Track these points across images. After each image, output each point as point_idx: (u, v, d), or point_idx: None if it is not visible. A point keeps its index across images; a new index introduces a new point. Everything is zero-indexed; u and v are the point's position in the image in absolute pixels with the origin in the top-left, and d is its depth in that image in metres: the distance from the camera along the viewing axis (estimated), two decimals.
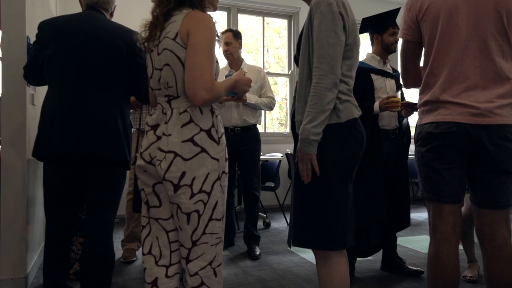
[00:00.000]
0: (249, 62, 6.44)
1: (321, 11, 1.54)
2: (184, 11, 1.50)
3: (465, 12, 1.56)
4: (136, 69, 2.06)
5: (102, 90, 1.99)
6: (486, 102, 1.53)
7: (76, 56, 1.98)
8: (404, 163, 2.78)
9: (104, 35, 2.02)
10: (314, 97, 1.53)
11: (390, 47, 2.77)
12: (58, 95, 1.97)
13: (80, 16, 2.09)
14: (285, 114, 6.61)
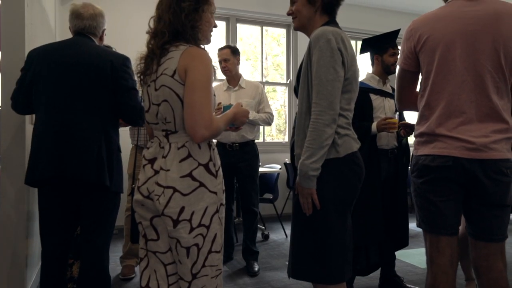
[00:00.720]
0: (248, 69, 6.51)
1: (319, 46, 1.56)
2: (181, 47, 1.52)
3: (463, 47, 1.58)
4: (120, 91, 2.05)
5: (87, 115, 2.00)
6: (482, 137, 1.55)
7: (61, 82, 2.00)
8: (403, 183, 2.80)
9: (88, 59, 2.03)
10: (312, 132, 1.54)
11: (390, 67, 2.79)
12: (44, 122, 2.01)
13: (67, 43, 2.12)
14: (284, 121, 6.62)
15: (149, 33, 1.60)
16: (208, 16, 1.62)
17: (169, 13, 1.53)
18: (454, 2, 1.67)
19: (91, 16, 2.18)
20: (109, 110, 2.07)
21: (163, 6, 1.57)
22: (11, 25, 2.46)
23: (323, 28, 1.62)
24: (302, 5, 1.72)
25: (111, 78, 2.03)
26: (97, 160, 1.98)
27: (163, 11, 1.55)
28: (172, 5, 1.54)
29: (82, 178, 1.95)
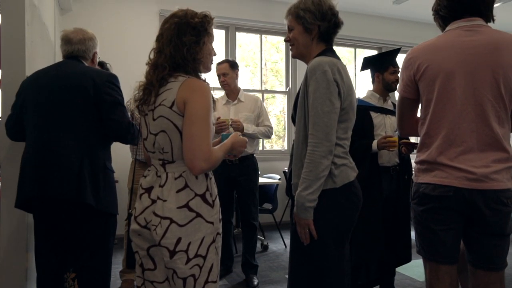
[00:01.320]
0: (247, 75, 6.51)
1: (316, 78, 1.58)
2: (180, 78, 1.52)
3: (462, 77, 1.59)
4: (104, 107, 2.02)
5: (69, 133, 1.98)
6: (482, 167, 1.56)
7: (45, 104, 2.02)
8: (405, 200, 2.80)
9: (70, 79, 2.04)
10: (309, 164, 1.56)
11: (391, 85, 2.81)
12: (29, 143, 2.03)
13: (54, 66, 2.17)
14: (283, 127, 6.63)
15: (148, 64, 1.61)
16: (209, 47, 1.63)
17: (170, 47, 1.53)
18: (452, 31, 1.68)
19: (80, 40, 2.21)
20: (94, 128, 2.03)
21: (164, 39, 1.56)
22: (12, 45, 2.46)
23: (319, 59, 1.64)
24: (299, 33, 1.74)
25: (94, 95, 2.00)
26: (78, 177, 1.91)
27: (164, 44, 1.56)
28: (173, 39, 1.54)
29: (62, 196, 1.89)
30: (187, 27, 1.55)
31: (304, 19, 1.70)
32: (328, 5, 1.71)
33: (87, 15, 4.83)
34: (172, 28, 1.55)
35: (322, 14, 1.69)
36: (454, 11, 1.68)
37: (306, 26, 1.71)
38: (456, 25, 1.68)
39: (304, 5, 1.71)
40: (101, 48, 4.93)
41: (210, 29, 1.62)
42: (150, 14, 5.12)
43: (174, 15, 1.60)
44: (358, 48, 6.57)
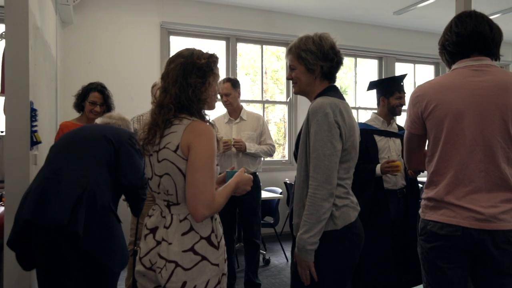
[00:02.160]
0: (247, 82, 6.51)
1: (317, 120, 1.59)
2: (185, 121, 1.52)
3: (471, 118, 1.59)
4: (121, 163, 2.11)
5: (81, 164, 2.00)
6: (490, 207, 1.56)
7: (65, 146, 2.13)
8: (413, 221, 2.80)
9: (96, 130, 2.22)
10: (310, 207, 1.57)
11: (396, 110, 2.84)
12: (39, 172, 2.07)
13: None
14: (283, 135, 6.63)
15: (153, 104, 1.61)
16: (214, 86, 1.63)
17: (176, 87, 1.53)
18: (459, 70, 1.68)
19: (121, 118, 2.45)
20: (107, 169, 2.06)
21: (169, 79, 1.56)
22: (15, 69, 2.46)
23: (321, 100, 1.64)
24: (301, 73, 1.74)
25: (114, 150, 2.11)
26: (76, 207, 1.82)
27: (169, 84, 1.55)
28: (178, 79, 1.54)
29: (54, 221, 1.80)
30: (192, 67, 1.55)
31: (306, 60, 1.70)
32: (329, 44, 1.71)
33: (88, 28, 4.82)
34: (177, 68, 1.55)
35: (324, 54, 1.69)
36: (464, 48, 1.68)
37: (308, 67, 1.71)
38: (464, 63, 1.68)
39: (305, 46, 1.70)
40: (102, 60, 4.97)
41: (215, 69, 1.62)
42: (151, 26, 5.12)
43: (180, 54, 1.61)
44: (358, 58, 6.58)
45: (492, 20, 1.70)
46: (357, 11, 5.82)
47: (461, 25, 1.68)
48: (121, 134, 2.16)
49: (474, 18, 1.68)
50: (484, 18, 1.68)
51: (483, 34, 1.65)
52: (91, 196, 1.90)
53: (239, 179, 1.64)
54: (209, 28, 5.37)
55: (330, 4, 5.50)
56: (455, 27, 1.70)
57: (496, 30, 1.68)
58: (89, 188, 1.90)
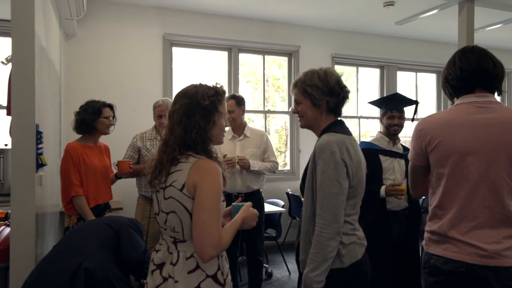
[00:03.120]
0: (249, 90, 6.51)
1: (324, 158, 1.60)
2: (191, 159, 1.52)
3: (476, 155, 1.60)
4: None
5: (81, 247, 2.09)
6: (494, 243, 1.58)
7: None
8: (415, 242, 2.82)
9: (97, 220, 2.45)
10: (316, 245, 1.58)
11: (389, 129, 2.83)
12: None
13: None
14: (284, 142, 6.64)
15: (161, 141, 1.62)
16: (220, 123, 1.62)
17: (180, 128, 1.54)
18: (463, 106, 1.69)
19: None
20: (107, 248, 2.19)
21: (175, 118, 1.57)
22: (22, 93, 2.46)
23: (327, 138, 1.65)
24: (307, 108, 1.75)
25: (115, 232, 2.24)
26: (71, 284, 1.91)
27: (175, 123, 1.56)
28: (183, 120, 1.54)
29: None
30: (196, 108, 1.55)
31: (312, 95, 1.71)
32: (335, 79, 1.72)
33: (91, 40, 4.84)
34: (182, 108, 1.56)
35: (330, 89, 1.71)
36: (468, 83, 1.69)
37: (314, 102, 1.72)
38: (467, 99, 1.69)
39: (311, 81, 1.71)
40: (105, 72, 4.98)
41: (220, 107, 1.61)
42: (154, 38, 5.13)
43: (184, 93, 1.60)
44: (360, 67, 6.59)
45: (495, 56, 1.72)
46: (359, 21, 5.84)
47: (465, 61, 1.70)
48: (120, 218, 2.34)
49: (477, 54, 1.70)
50: (488, 54, 1.70)
51: (487, 70, 1.67)
52: (88, 271, 1.95)
53: (245, 215, 1.65)
54: (211, 39, 5.39)
55: (331, 14, 5.52)
56: (459, 62, 1.71)
57: (499, 66, 1.70)
58: (82, 266, 1.95)
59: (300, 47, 5.89)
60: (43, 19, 2.89)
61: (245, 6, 5.13)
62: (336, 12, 5.43)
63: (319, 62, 6.02)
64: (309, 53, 5.96)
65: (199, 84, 1.64)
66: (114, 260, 2.11)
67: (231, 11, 5.33)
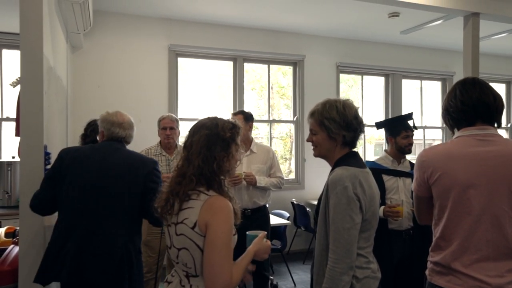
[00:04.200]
0: (254, 98, 6.52)
1: (337, 193, 1.60)
2: (202, 196, 1.52)
3: (478, 188, 1.61)
4: (149, 194, 2.05)
5: (113, 221, 2.07)
6: (497, 277, 1.58)
7: (90, 189, 2.08)
8: (419, 264, 2.80)
9: (122, 168, 2.12)
10: (329, 280, 1.58)
11: (404, 149, 2.83)
12: (69, 225, 2.08)
13: (99, 149, 2.20)
14: (289, 149, 6.65)
15: (175, 171, 1.63)
16: (236, 156, 1.63)
17: (199, 159, 1.54)
18: (464, 139, 1.69)
19: (130, 125, 2.32)
20: (136, 215, 2.14)
21: (193, 149, 1.56)
22: (30, 114, 2.48)
23: (341, 172, 1.65)
24: (323, 139, 1.75)
25: (143, 185, 2.12)
26: (118, 267, 2.03)
27: (193, 154, 1.56)
28: (202, 151, 1.54)
29: (100, 284, 2.00)
30: (217, 139, 1.56)
31: (329, 129, 1.71)
32: (353, 113, 1.72)
33: (97, 52, 4.88)
34: (202, 139, 1.56)
35: (347, 123, 1.70)
36: (468, 116, 1.70)
37: (330, 135, 1.72)
38: (469, 132, 1.70)
39: (329, 114, 1.71)
40: (111, 84, 5.01)
41: (238, 139, 1.63)
42: (160, 49, 5.16)
43: (203, 125, 1.61)
44: (365, 75, 6.59)
45: (494, 89, 1.73)
46: (364, 31, 5.84)
47: (466, 94, 1.71)
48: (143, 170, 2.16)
49: (478, 87, 1.70)
50: (488, 88, 1.71)
51: (488, 104, 1.68)
52: (130, 251, 2.07)
53: (257, 248, 1.65)
54: (216, 49, 5.41)
55: (336, 24, 5.52)
56: (460, 95, 1.72)
57: (499, 99, 1.71)
58: (127, 246, 2.06)
59: (305, 56, 5.90)
60: (51, 37, 2.91)
61: (250, 16, 5.14)
62: (341, 22, 5.44)
63: (324, 71, 6.06)
64: (314, 62, 5.97)
65: (216, 117, 1.66)
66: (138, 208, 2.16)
67: (236, 21, 5.35)
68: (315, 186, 5.81)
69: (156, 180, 2.15)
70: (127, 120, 2.31)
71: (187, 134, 1.65)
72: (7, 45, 4.66)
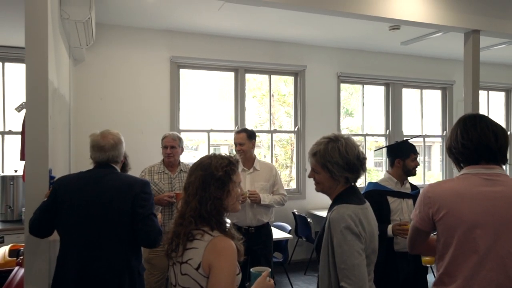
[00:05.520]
0: (255, 105, 6.53)
1: (341, 231, 1.62)
2: (206, 237, 1.53)
3: (483, 228, 1.62)
4: (136, 219, 2.12)
5: (109, 247, 2.12)
6: None
7: (86, 219, 2.13)
8: (423, 282, 2.83)
9: (110, 194, 2.15)
10: None
11: (412, 171, 2.88)
12: (69, 254, 2.14)
13: (90, 177, 2.23)
14: (289, 156, 6.66)
15: (177, 213, 1.65)
16: (235, 192, 1.64)
17: (195, 200, 1.57)
18: (470, 178, 1.70)
19: (112, 146, 2.27)
20: (129, 239, 2.16)
21: (190, 190, 1.60)
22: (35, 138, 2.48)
23: (342, 211, 1.66)
24: (325, 179, 1.77)
25: (130, 209, 2.13)
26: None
27: (190, 195, 1.59)
28: (198, 192, 1.57)
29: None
30: (211, 179, 1.58)
31: (332, 171, 1.73)
32: (355, 154, 1.73)
33: (99, 64, 4.88)
34: (197, 180, 1.59)
35: (350, 166, 1.72)
36: (471, 158, 1.72)
37: (333, 176, 1.74)
38: (474, 170, 1.71)
39: (331, 157, 1.71)
40: (113, 96, 5.01)
41: (234, 176, 1.64)
42: (161, 61, 5.17)
43: (199, 165, 1.64)
44: (365, 85, 6.61)
45: (497, 125, 1.73)
46: (365, 42, 5.86)
47: (466, 136, 1.72)
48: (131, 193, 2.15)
49: (479, 127, 1.71)
50: (489, 127, 1.71)
51: (489, 146, 1.68)
52: (127, 278, 2.12)
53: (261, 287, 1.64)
54: (218, 60, 5.43)
55: (337, 35, 5.54)
56: (461, 137, 1.73)
57: (502, 138, 1.70)
58: (124, 273, 2.11)
59: (306, 67, 5.92)
60: (55, 55, 2.91)
61: (251, 28, 5.15)
62: (342, 34, 5.46)
63: (325, 81, 6.08)
64: (315, 72, 5.99)
65: (213, 154, 1.67)
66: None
67: (238, 32, 5.36)
68: (316, 196, 5.82)
69: (143, 204, 2.15)
70: (108, 141, 2.27)
71: (187, 174, 1.68)
72: (10, 58, 4.67)
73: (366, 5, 3.50)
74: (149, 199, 2.21)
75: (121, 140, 2.34)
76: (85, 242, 2.12)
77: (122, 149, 2.34)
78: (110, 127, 2.81)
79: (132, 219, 2.12)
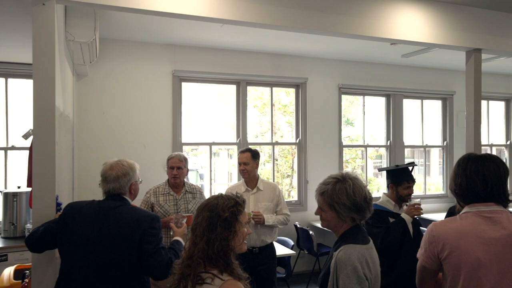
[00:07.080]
0: (255, 114, 6.55)
1: (347, 273, 1.64)
2: (216, 281, 1.53)
3: (487, 266, 1.66)
4: (144, 256, 2.13)
5: (110, 283, 2.11)
6: None
7: (89, 253, 2.12)
8: None
9: (118, 228, 2.14)
10: None
11: (404, 198, 2.95)
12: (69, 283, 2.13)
13: (100, 206, 2.23)
14: (290, 165, 6.68)
15: (184, 253, 1.66)
16: (242, 232, 1.65)
17: (203, 241, 1.58)
18: (471, 216, 1.74)
19: (115, 178, 2.26)
20: (136, 273, 2.16)
21: (197, 231, 1.61)
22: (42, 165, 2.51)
23: (349, 252, 1.68)
24: (332, 218, 1.79)
25: (137, 244, 2.12)
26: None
27: (198, 236, 1.60)
28: (205, 233, 1.58)
29: None
30: (217, 220, 1.60)
31: (339, 212, 1.75)
32: (362, 195, 1.75)
33: (102, 79, 4.89)
34: (204, 222, 1.61)
35: (357, 207, 1.74)
36: (467, 198, 1.78)
37: (339, 216, 1.77)
38: (474, 208, 1.75)
39: (339, 199, 1.74)
40: (115, 110, 5.01)
41: (241, 216, 1.65)
42: (164, 75, 5.18)
43: (206, 206, 1.65)
44: (366, 96, 6.64)
45: (490, 168, 1.76)
46: (366, 54, 5.88)
47: (457, 181, 1.80)
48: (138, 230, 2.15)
49: (468, 172, 1.77)
50: (479, 172, 1.76)
51: (476, 192, 1.75)
52: None
53: None
54: (220, 74, 5.44)
55: (339, 48, 5.56)
56: (453, 181, 1.82)
57: (494, 181, 1.74)
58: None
59: (307, 79, 5.94)
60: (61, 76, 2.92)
61: (253, 41, 5.17)
62: (343, 47, 5.48)
63: (326, 93, 6.10)
64: (317, 84, 6.01)
65: (220, 195, 1.69)
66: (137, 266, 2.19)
67: (239, 46, 5.37)
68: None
69: (151, 240, 2.15)
70: (111, 173, 2.27)
71: (195, 215, 1.70)
72: (13, 74, 4.68)
73: (368, 26, 3.52)
74: (157, 234, 2.20)
75: (128, 172, 2.30)
76: (87, 272, 2.11)
77: (128, 181, 2.30)
78: (112, 141, 2.81)
79: (139, 255, 2.12)
